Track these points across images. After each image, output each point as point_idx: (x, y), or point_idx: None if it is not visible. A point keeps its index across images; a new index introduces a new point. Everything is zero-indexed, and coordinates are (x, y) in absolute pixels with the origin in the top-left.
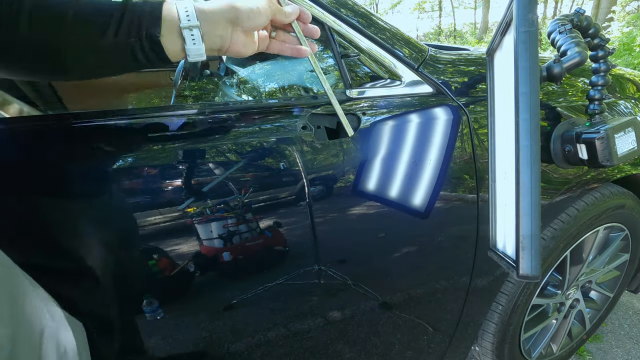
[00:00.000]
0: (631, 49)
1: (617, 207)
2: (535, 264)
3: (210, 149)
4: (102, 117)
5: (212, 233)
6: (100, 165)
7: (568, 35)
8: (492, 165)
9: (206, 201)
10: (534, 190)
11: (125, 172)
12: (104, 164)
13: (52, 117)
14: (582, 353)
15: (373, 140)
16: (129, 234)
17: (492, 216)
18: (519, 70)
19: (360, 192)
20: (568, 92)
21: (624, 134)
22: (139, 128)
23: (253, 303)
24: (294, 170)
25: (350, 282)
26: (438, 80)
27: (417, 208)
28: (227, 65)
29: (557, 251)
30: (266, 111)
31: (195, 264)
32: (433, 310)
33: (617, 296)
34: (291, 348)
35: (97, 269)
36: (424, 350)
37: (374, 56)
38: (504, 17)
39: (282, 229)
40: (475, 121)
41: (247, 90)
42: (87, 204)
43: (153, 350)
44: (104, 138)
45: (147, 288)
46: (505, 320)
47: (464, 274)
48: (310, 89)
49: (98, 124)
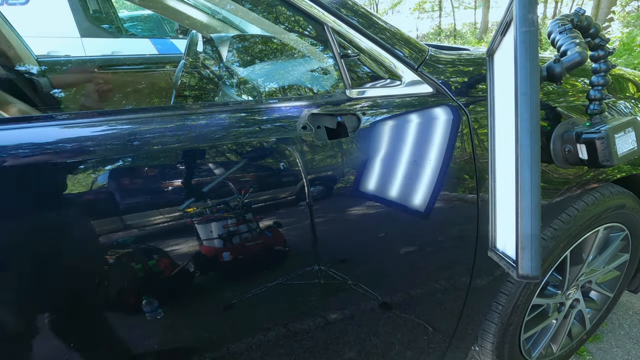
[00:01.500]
0: (631, 49)
1: (617, 207)
2: (535, 264)
3: (210, 149)
4: (102, 117)
5: (212, 233)
6: (100, 165)
7: (568, 35)
8: (492, 165)
9: (206, 201)
10: (534, 190)
11: (125, 172)
12: (103, 164)
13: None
14: (582, 353)
15: (373, 140)
16: (129, 234)
17: (492, 216)
18: (518, 70)
19: (360, 192)
20: (568, 92)
21: (624, 134)
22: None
23: (253, 303)
24: (294, 170)
25: (350, 282)
26: (438, 80)
27: (417, 208)
28: (227, 66)
29: (557, 251)
30: (266, 111)
31: (196, 264)
32: (433, 310)
33: (617, 296)
34: (291, 348)
35: (97, 269)
36: (424, 350)
37: (374, 56)
38: (504, 17)
39: (282, 229)
40: (475, 121)
41: (247, 90)
42: (87, 204)
43: (153, 350)
44: (104, 138)
45: (147, 288)
46: (505, 320)
47: (464, 274)
48: (311, 89)
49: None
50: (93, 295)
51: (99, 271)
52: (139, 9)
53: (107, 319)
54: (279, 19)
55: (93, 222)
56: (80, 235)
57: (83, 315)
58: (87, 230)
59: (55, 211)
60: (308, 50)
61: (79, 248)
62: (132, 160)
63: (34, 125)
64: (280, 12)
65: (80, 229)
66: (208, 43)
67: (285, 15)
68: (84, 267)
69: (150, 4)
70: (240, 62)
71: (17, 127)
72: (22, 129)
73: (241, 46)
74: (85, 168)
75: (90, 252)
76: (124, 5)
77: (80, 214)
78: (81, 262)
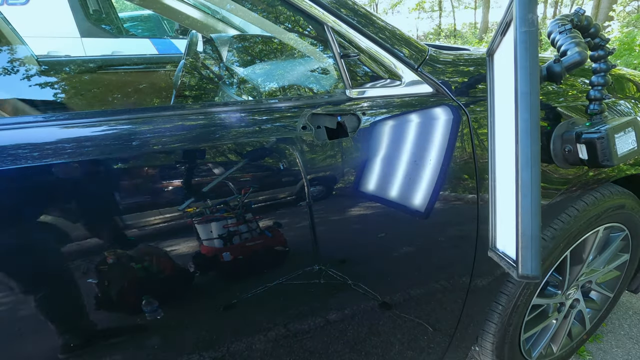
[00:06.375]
0: (631, 49)
1: (617, 207)
2: (535, 264)
3: (210, 149)
4: (102, 117)
5: (212, 233)
6: (100, 165)
7: (568, 35)
8: (492, 165)
9: (206, 201)
10: (534, 190)
11: (125, 172)
12: (103, 164)
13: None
14: (582, 353)
15: (373, 140)
16: (129, 234)
17: (492, 216)
18: (518, 70)
19: (360, 192)
20: (568, 92)
21: (624, 134)
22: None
23: (253, 303)
24: (294, 170)
25: (350, 282)
26: (438, 80)
27: (417, 208)
28: (227, 66)
29: (557, 251)
30: (266, 111)
31: (196, 264)
32: (433, 310)
33: (617, 296)
34: (291, 348)
35: (97, 268)
36: (424, 350)
37: (373, 56)
38: (504, 17)
39: (282, 229)
40: (475, 121)
41: (247, 90)
42: (87, 204)
43: (153, 350)
44: (104, 138)
45: (147, 288)
46: (505, 320)
47: (464, 274)
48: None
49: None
50: (93, 295)
51: (99, 271)
52: (139, 9)
53: (107, 319)
54: (279, 19)
55: (93, 222)
56: (80, 235)
57: (83, 315)
58: (87, 230)
59: (55, 211)
60: (308, 50)
61: (78, 248)
62: (132, 161)
63: (34, 125)
64: (280, 12)
65: (80, 229)
66: (208, 43)
67: (285, 15)
68: (84, 267)
69: (150, 4)
70: (240, 62)
71: (17, 127)
72: (22, 129)
73: (241, 46)
74: (85, 168)
75: (90, 252)
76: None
77: (80, 214)
78: (81, 262)
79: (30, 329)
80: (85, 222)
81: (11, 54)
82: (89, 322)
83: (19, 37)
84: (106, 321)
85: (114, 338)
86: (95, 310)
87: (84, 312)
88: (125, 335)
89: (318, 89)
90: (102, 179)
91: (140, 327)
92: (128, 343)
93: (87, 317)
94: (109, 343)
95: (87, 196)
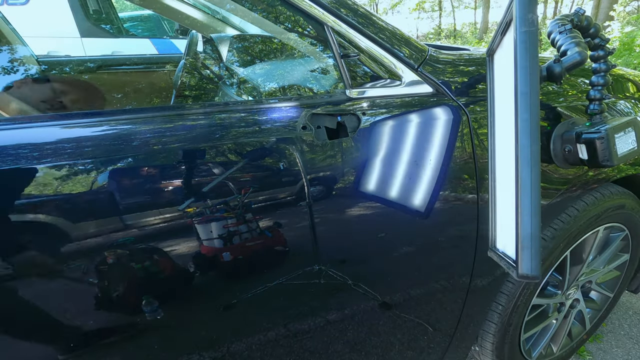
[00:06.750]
0: (631, 49)
1: (617, 207)
2: (535, 264)
3: (210, 149)
4: (102, 117)
5: (212, 233)
6: (100, 165)
7: (568, 35)
8: (492, 165)
9: (206, 201)
10: (534, 190)
11: (125, 172)
12: (103, 164)
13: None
14: (582, 353)
15: (373, 140)
16: (129, 234)
17: (492, 216)
18: (518, 70)
19: (360, 192)
20: (568, 92)
21: (624, 134)
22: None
23: (253, 303)
24: (294, 170)
25: (350, 282)
26: (438, 80)
27: (417, 208)
28: (227, 65)
29: (557, 251)
30: (266, 111)
31: (196, 264)
32: (433, 310)
33: (617, 296)
34: (291, 348)
35: (97, 268)
36: (424, 350)
37: (373, 56)
38: (504, 17)
39: (282, 229)
40: (475, 121)
41: (247, 90)
42: (86, 204)
43: (153, 350)
44: (104, 138)
45: (147, 288)
46: (505, 320)
47: (464, 274)
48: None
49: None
50: (93, 295)
51: (99, 271)
52: (139, 9)
53: (107, 319)
54: (279, 19)
55: (93, 222)
56: (81, 235)
57: (83, 315)
58: (87, 230)
59: (55, 211)
60: (308, 50)
61: (78, 248)
62: (132, 161)
63: (34, 125)
64: (280, 12)
65: (80, 229)
66: (208, 43)
67: (285, 15)
68: (84, 267)
69: (150, 4)
70: (240, 62)
71: (17, 127)
72: (22, 129)
73: (241, 46)
74: (85, 168)
75: (90, 252)
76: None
77: (80, 214)
78: (81, 262)
79: (30, 329)
80: (85, 222)
81: (11, 54)
82: (89, 322)
83: (19, 37)
84: (106, 321)
85: (114, 338)
86: (95, 310)
87: (84, 312)
88: (125, 335)
89: (318, 89)
90: (102, 179)
91: (141, 327)
92: (128, 343)
93: (88, 317)
94: (109, 343)
95: (87, 196)
